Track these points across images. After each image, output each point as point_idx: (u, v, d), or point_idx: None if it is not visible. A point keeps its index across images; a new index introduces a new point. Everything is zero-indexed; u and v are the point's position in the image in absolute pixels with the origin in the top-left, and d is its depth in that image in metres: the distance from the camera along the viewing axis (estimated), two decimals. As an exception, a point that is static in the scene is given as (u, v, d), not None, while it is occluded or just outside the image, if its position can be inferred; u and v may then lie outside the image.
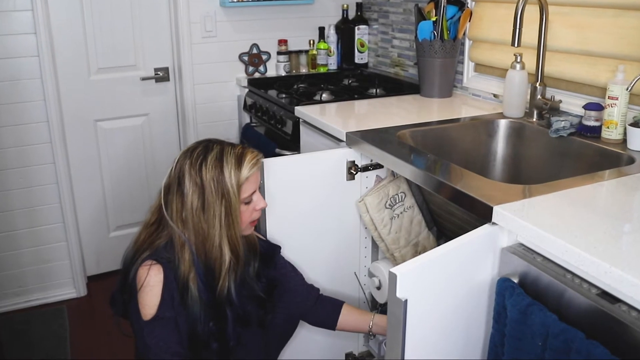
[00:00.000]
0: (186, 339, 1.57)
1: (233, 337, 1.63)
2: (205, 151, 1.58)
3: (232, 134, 3.33)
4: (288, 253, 1.96)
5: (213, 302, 1.60)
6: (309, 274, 2.04)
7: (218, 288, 1.59)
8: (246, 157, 1.60)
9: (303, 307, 1.89)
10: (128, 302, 1.61)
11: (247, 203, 1.63)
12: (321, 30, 3.37)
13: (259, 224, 1.95)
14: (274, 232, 1.97)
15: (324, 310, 1.91)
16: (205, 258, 1.59)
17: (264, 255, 1.79)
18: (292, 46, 3.38)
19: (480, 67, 2.60)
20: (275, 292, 1.79)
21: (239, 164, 1.57)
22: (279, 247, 1.88)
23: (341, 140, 2.11)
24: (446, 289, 1.34)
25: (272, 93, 2.92)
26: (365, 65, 3.39)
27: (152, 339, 1.54)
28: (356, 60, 3.38)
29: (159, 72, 3.23)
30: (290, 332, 1.91)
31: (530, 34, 2.10)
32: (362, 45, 3.36)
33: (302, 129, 2.47)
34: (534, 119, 2.16)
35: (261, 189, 1.87)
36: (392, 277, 1.22)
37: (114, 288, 1.69)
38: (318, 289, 1.94)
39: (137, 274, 1.58)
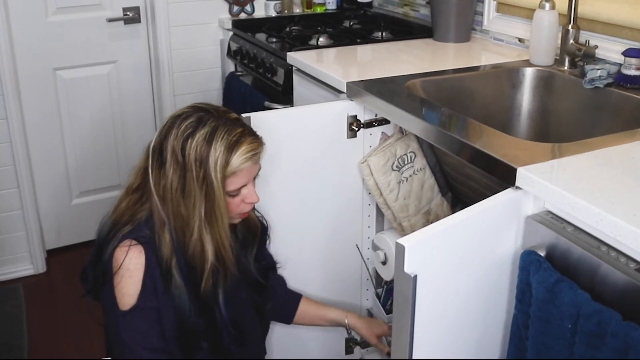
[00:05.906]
0: (174, 333, 1.55)
1: (227, 337, 1.61)
2: (196, 124, 1.50)
3: (214, 85, 3.32)
4: (277, 223, 1.94)
5: (197, 297, 1.57)
6: (303, 247, 2.05)
7: (202, 286, 1.56)
8: (241, 146, 1.51)
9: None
10: (101, 285, 1.58)
11: (234, 196, 1.58)
12: (318, -38, 3.34)
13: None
14: (261, 198, 1.97)
15: (282, 300, 1.93)
16: (185, 247, 1.54)
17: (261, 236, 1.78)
18: (284, -19, 3.35)
19: (504, 7, 2.58)
20: (271, 274, 1.79)
21: (229, 152, 1.49)
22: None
23: (341, 92, 2.10)
24: (462, 264, 1.34)
25: (261, 37, 2.90)
26: (370, 4, 3.37)
27: (128, 331, 1.53)
28: (359, -1, 3.36)
29: (128, 13, 3.19)
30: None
31: (562, -33, 2.09)
32: (366, -20, 3.33)
33: (296, 79, 2.46)
34: (566, 68, 2.15)
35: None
36: (400, 250, 1.22)
37: (85, 261, 1.65)
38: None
39: (114, 254, 1.54)
